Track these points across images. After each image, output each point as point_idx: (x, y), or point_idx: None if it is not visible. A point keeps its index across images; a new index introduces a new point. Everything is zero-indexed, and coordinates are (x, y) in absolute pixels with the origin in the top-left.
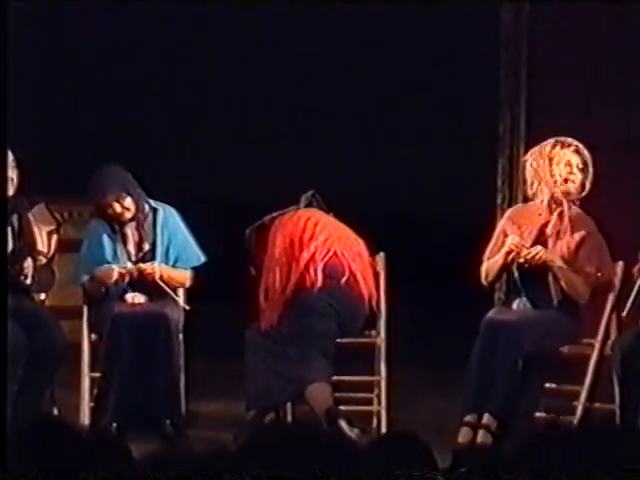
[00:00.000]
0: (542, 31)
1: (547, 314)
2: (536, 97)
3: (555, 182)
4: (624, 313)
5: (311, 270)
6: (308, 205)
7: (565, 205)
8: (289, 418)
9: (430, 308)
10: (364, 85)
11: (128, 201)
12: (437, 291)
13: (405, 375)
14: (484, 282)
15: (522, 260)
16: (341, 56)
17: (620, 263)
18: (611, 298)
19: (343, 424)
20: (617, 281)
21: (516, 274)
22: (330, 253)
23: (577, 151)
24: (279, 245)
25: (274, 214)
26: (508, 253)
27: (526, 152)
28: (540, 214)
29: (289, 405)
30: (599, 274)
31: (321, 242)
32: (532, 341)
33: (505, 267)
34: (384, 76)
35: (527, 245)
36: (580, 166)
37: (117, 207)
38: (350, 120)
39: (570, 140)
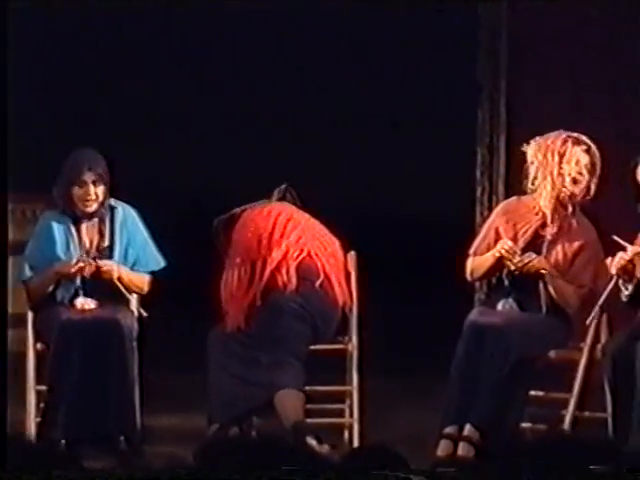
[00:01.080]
0: (522, 16)
1: (535, 317)
2: (517, 83)
3: (563, 181)
4: (588, 321)
5: (283, 270)
6: (281, 199)
7: (569, 208)
8: (254, 433)
9: (406, 310)
10: (337, 76)
11: (101, 189)
12: (414, 292)
13: (379, 384)
14: (469, 278)
15: (513, 268)
16: (311, 50)
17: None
18: (601, 299)
19: (311, 440)
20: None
21: (505, 274)
22: (303, 253)
23: (588, 150)
24: (246, 241)
25: (244, 207)
26: (498, 258)
27: (507, 141)
28: (537, 213)
29: (254, 418)
30: (593, 286)
31: (293, 241)
32: (520, 345)
33: (494, 268)
34: (357, 66)
35: (519, 251)
36: (589, 167)
37: (90, 190)
38: (320, 112)
39: (584, 138)
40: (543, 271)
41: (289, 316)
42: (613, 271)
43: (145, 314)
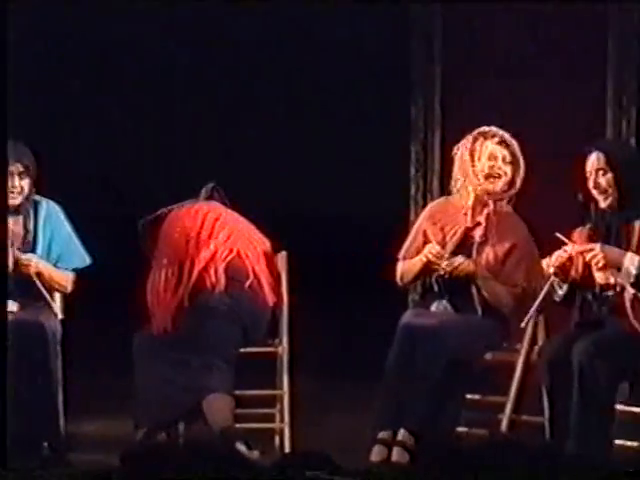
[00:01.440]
0: (457, 11)
1: (470, 318)
2: (451, 78)
3: (478, 179)
4: (523, 324)
5: (211, 271)
6: (208, 198)
7: (491, 206)
8: (181, 438)
9: (338, 312)
10: (267, 73)
11: (26, 182)
12: (346, 293)
13: (311, 388)
14: (399, 283)
15: (442, 272)
16: (234, 45)
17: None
18: (537, 300)
19: (241, 446)
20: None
21: (435, 278)
22: (233, 253)
23: (503, 142)
24: (174, 241)
25: (171, 206)
26: (426, 261)
27: (442, 138)
28: (465, 213)
29: (182, 424)
30: (526, 285)
31: (222, 240)
32: (454, 348)
33: (423, 273)
34: (288, 63)
35: (447, 255)
36: (508, 159)
37: (16, 182)
38: (249, 109)
39: (494, 130)
40: (473, 274)
41: (218, 318)
42: (551, 270)
43: (61, 316)
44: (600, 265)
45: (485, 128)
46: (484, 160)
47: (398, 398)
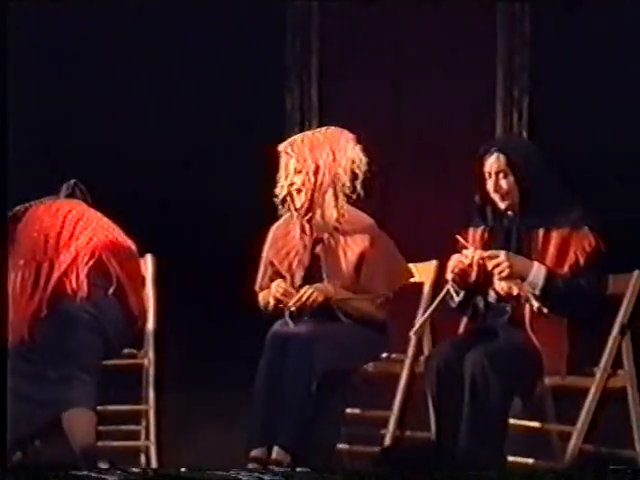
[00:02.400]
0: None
1: (347, 325)
2: (330, 61)
3: (288, 193)
4: (412, 332)
5: (72, 276)
6: (70, 195)
7: (318, 219)
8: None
9: (210, 320)
10: (129, 58)
11: None
12: (218, 299)
13: (179, 403)
14: (264, 311)
15: (293, 309)
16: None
17: (433, 262)
18: (422, 304)
19: (103, 465)
20: (428, 284)
21: (287, 317)
22: (95, 257)
23: (287, 152)
24: (31, 241)
25: (29, 203)
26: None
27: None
28: (304, 232)
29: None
30: (388, 292)
31: (84, 242)
32: (328, 358)
33: (280, 305)
34: (160, 55)
35: (294, 290)
36: (297, 168)
37: None
38: (115, 104)
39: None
40: (328, 299)
41: (79, 327)
42: (449, 276)
43: None
44: (504, 275)
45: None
46: (283, 172)
47: (270, 413)
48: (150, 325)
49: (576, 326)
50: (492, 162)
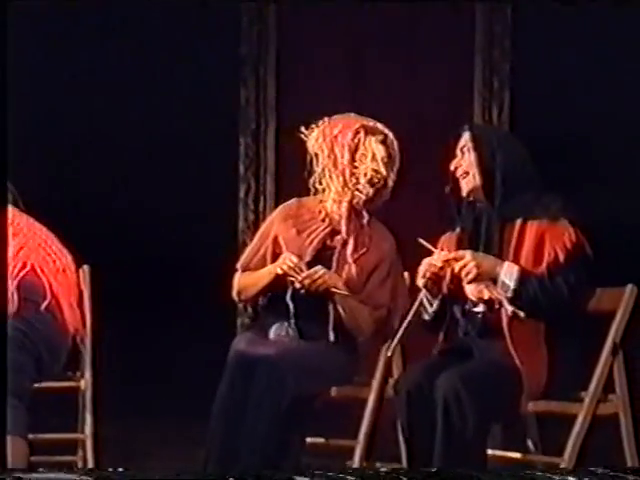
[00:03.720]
0: None
1: (317, 346)
2: (288, 50)
3: (357, 182)
4: (389, 352)
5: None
6: None
7: (365, 216)
8: None
9: (154, 338)
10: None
11: None
12: (164, 315)
13: (120, 430)
14: (236, 298)
15: (299, 286)
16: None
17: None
18: (405, 322)
19: None
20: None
21: (289, 296)
22: (26, 268)
23: (384, 141)
24: None
25: None
26: (279, 275)
27: (278, 126)
28: (324, 219)
29: None
30: (392, 305)
31: (14, 252)
32: (296, 382)
33: (272, 286)
34: (105, 50)
35: (304, 266)
36: (385, 160)
37: None
38: (47, 104)
39: (380, 126)
40: (334, 289)
41: (9, 346)
42: (420, 283)
43: None
44: (471, 277)
45: (366, 120)
46: (368, 160)
47: (228, 441)
48: (87, 343)
49: (555, 334)
50: (460, 141)
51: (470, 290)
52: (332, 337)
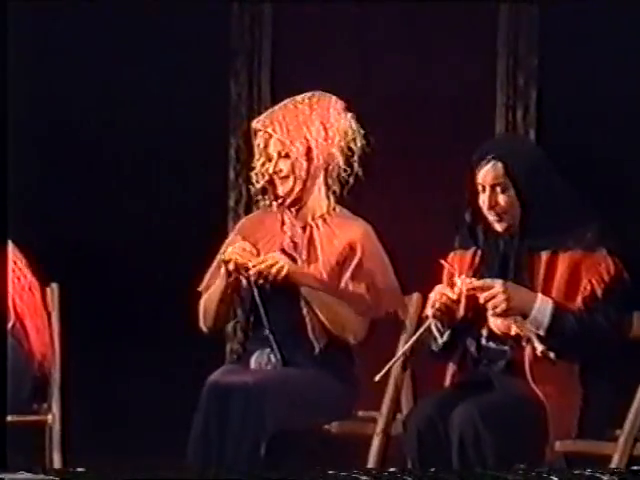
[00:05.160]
0: None
1: (303, 371)
2: (283, 39)
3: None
4: (377, 377)
5: None
6: None
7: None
8: None
9: (131, 366)
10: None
11: None
12: (141, 339)
13: (91, 470)
14: (204, 327)
15: (253, 275)
16: None
17: (415, 295)
18: (401, 346)
19: None
20: (408, 324)
21: (259, 302)
22: None
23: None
24: None
25: None
26: (230, 271)
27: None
28: (284, 224)
29: None
30: (371, 300)
31: None
32: (279, 414)
33: (227, 294)
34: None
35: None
36: (283, 154)
37: None
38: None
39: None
40: (298, 280)
41: None
42: (429, 312)
43: None
44: (499, 311)
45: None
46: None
47: None
48: (56, 372)
49: (591, 375)
50: (487, 172)
51: (496, 324)
52: (318, 346)
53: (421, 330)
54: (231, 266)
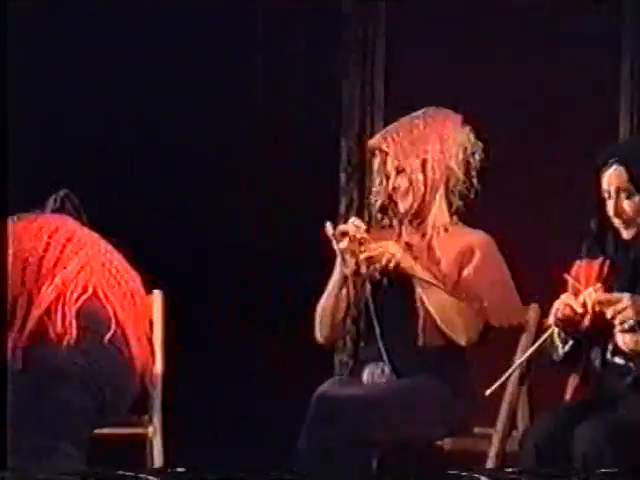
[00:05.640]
0: None
1: (417, 383)
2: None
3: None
4: (488, 392)
5: (57, 316)
6: (58, 210)
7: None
8: None
9: (234, 378)
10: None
11: None
12: (247, 351)
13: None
14: (319, 339)
15: (363, 260)
16: None
17: (533, 307)
18: (518, 357)
19: None
20: (528, 334)
21: (371, 308)
22: (87, 292)
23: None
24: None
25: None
26: (342, 250)
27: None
28: (401, 236)
29: None
30: (487, 304)
31: (73, 272)
32: (389, 429)
33: (339, 299)
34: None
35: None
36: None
37: None
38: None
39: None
40: (411, 271)
41: (64, 384)
42: (551, 320)
43: None
44: (627, 327)
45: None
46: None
47: None
48: (158, 384)
49: None
50: (611, 177)
51: (624, 340)
52: (421, 340)
53: (543, 338)
54: (344, 243)
